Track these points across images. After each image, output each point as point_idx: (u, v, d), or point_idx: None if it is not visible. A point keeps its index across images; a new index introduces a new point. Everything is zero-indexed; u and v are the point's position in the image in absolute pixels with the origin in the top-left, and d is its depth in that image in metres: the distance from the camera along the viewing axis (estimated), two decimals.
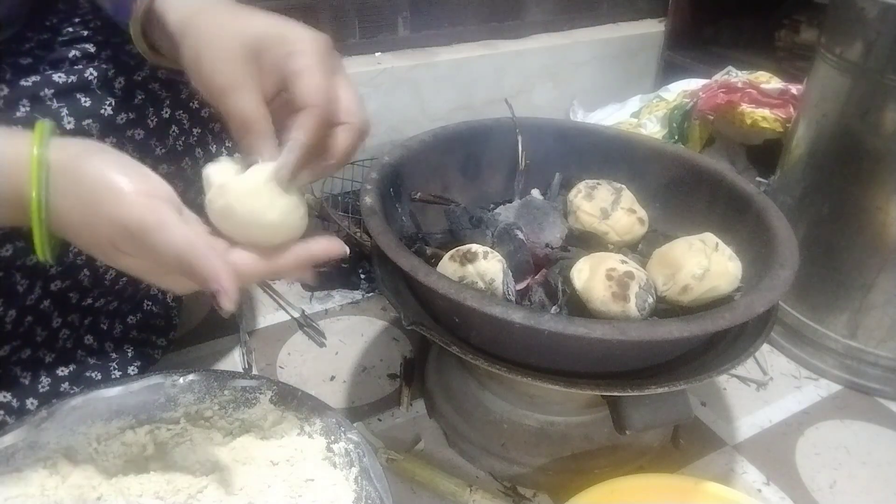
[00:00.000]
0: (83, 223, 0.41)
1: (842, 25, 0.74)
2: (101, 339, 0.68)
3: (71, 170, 0.40)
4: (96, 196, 0.40)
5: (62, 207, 0.40)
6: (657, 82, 1.47)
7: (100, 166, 0.41)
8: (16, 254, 0.54)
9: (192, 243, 0.40)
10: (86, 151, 0.42)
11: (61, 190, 0.40)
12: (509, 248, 0.66)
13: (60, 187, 0.40)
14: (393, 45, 1.24)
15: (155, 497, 0.51)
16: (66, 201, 0.40)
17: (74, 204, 0.40)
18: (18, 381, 0.60)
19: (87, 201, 0.40)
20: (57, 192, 0.40)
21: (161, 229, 0.39)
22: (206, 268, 0.40)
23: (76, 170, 0.40)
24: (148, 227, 0.39)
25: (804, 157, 0.81)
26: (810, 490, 0.69)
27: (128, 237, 0.40)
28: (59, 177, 0.40)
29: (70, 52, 0.57)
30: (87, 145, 0.43)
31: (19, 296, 0.56)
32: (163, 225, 0.39)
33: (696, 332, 0.51)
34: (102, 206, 0.40)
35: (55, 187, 0.40)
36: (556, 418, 0.67)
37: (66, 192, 0.40)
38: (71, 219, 0.41)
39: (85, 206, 0.40)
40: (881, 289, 0.77)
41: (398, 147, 0.72)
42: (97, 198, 0.40)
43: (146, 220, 0.39)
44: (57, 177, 0.40)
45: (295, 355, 0.85)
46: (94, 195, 0.40)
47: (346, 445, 0.55)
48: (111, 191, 0.40)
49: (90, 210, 0.40)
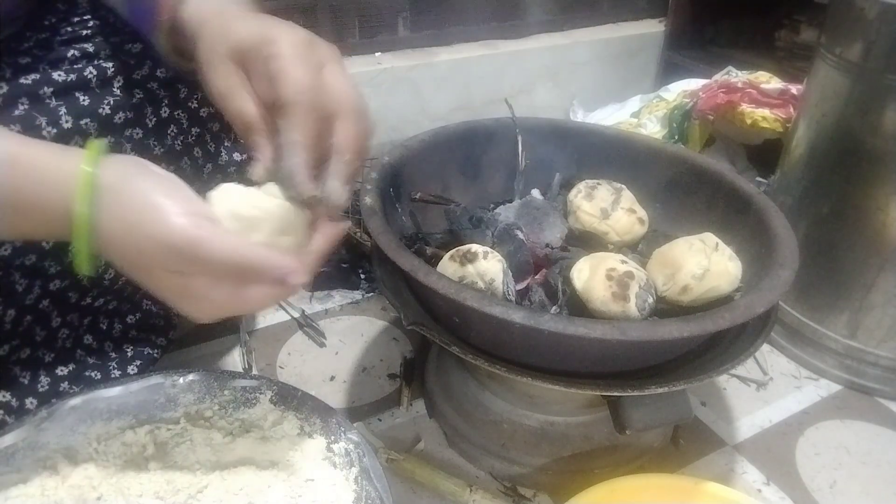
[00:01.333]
0: (127, 244, 0.42)
1: (842, 25, 0.74)
2: (100, 339, 0.68)
3: (121, 191, 0.42)
4: (143, 218, 0.41)
5: (108, 227, 0.42)
6: (657, 82, 1.47)
7: (146, 187, 0.42)
8: (15, 253, 0.54)
9: (241, 244, 0.42)
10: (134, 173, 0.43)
11: (110, 210, 0.41)
12: (509, 248, 0.66)
13: (107, 206, 0.41)
14: (393, 45, 1.25)
15: (155, 497, 0.51)
16: (113, 223, 0.41)
17: (120, 225, 0.41)
18: (18, 381, 0.60)
19: (133, 222, 0.41)
20: (103, 213, 0.41)
21: (210, 240, 0.41)
22: (263, 260, 0.42)
23: (126, 191, 0.42)
24: (195, 242, 0.41)
25: (804, 157, 0.81)
26: (810, 490, 0.69)
27: (177, 255, 0.41)
28: (108, 197, 0.41)
29: (69, 51, 0.57)
30: (134, 164, 0.44)
31: (18, 295, 0.56)
32: (211, 236, 0.41)
33: (696, 332, 0.51)
34: (147, 227, 0.41)
35: (104, 207, 0.41)
36: (556, 418, 0.67)
37: (112, 213, 0.41)
38: (116, 239, 0.42)
39: (130, 227, 0.41)
40: (881, 289, 0.77)
41: (398, 147, 0.72)
42: (144, 220, 0.41)
43: (192, 235, 0.41)
44: (107, 197, 0.41)
45: (295, 355, 0.85)
46: (141, 218, 0.41)
47: (346, 445, 0.55)
48: (157, 211, 0.41)
49: (137, 232, 0.41)
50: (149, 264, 0.42)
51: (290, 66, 0.44)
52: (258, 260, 0.42)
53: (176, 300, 0.44)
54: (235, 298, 0.44)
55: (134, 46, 0.59)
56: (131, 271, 0.43)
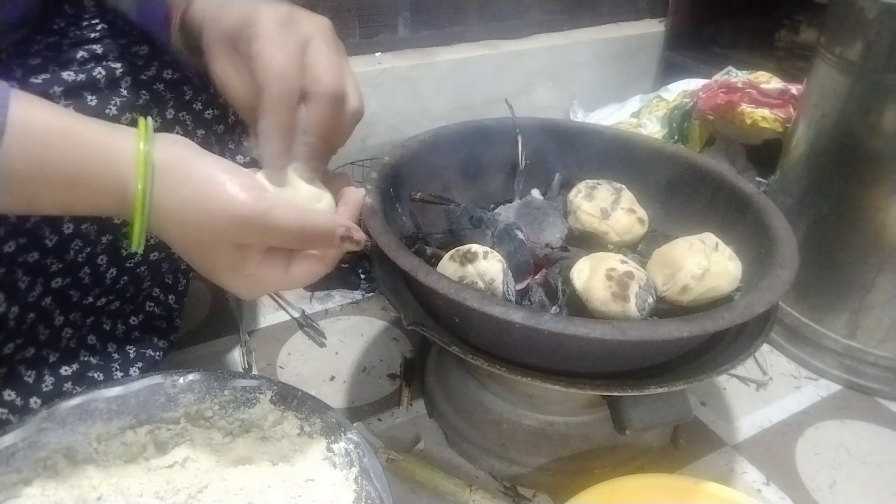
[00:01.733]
0: (189, 221, 0.43)
1: (842, 25, 0.74)
2: (103, 340, 0.68)
3: (177, 169, 0.42)
4: (205, 194, 0.42)
5: (166, 204, 0.42)
6: (657, 82, 1.47)
7: (207, 166, 0.43)
8: (18, 250, 0.55)
9: (303, 211, 0.45)
10: (190, 153, 0.44)
11: (167, 188, 0.42)
12: (509, 248, 0.66)
13: (166, 185, 0.42)
14: (393, 45, 1.25)
15: (155, 497, 0.51)
16: (171, 200, 0.42)
17: (181, 203, 0.42)
18: (23, 380, 0.60)
19: (197, 200, 0.42)
20: (162, 190, 0.42)
21: (275, 209, 0.43)
22: (325, 222, 0.45)
23: (182, 169, 0.43)
24: (262, 211, 0.42)
25: (804, 157, 0.81)
26: (810, 490, 0.69)
27: (244, 227, 0.43)
28: (164, 175, 0.42)
29: (78, 52, 0.57)
30: (187, 144, 0.45)
31: (21, 292, 0.56)
32: (275, 206, 0.43)
33: (696, 332, 0.51)
34: (212, 203, 0.42)
35: (160, 185, 0.42)
36: (556, 418, 0.67)
37: (171, 190, 0.42)
38: (174, 216, 0.43)
39: (194, 204, 0.42)
40: (881, 289, 0.77)
41: (398, 147, 0.72)
42: (207, 196, 0.42)
43: (259, 206, 0.42)
44: (163, 175, 0.42)
45: (295, 355, 0.85)
46: (203, 193, 0.42)
47: (346, 445, 0.55)
48: (223, 187, 0.42)
49: (200, 208, 0.42)
50: (209, 239, 0.43)
51: (265, 47, 0.44)
52: (324, 222, 0.45)
53: (227, 276, 0.45)
54: (283, 274, 0.46)
55: (141, 48, 0.60)
56: (186, 248, 0.45)
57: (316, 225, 0.45)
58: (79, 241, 0.58)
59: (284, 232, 0.44)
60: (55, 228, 0.56)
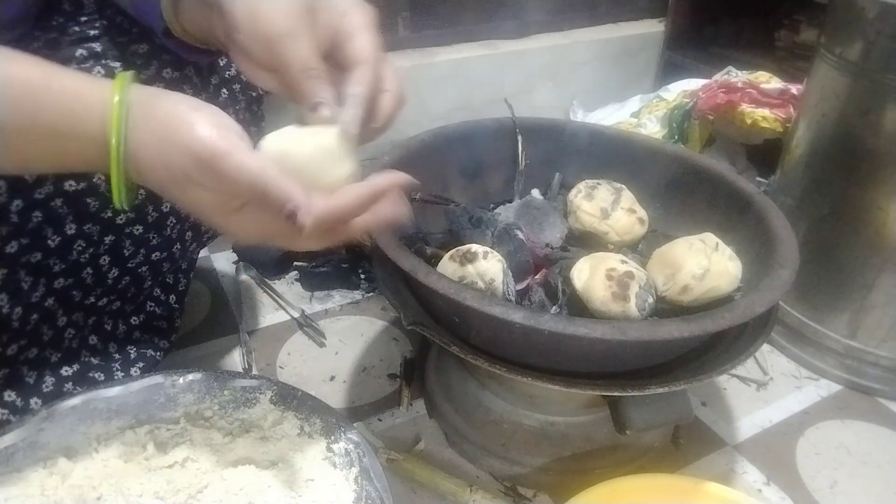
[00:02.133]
0: (157, 155, 0.42)
1: (842, 25, 0.74)
2: (104, 340, 0.68)
3: (147, 105, 0.42)
4: (170, 126, 0.41)
5: (139, 145, 0.42)
6: (657, 82, 1.47)
7: (173, 101, 0.42)
8: (20, 251, 0.55)
9: (263, 167, 0.41)
10: (163, 92, 0.43)
11: (139, 125, 0.41)
12: (509, 248, 0.66)
13: (138, 122, 0.41)
14: (393, 45, 1.25)
15: (155, 497, 0.51)
16: (142, 135, 0.41)
17: (149, 138, 0.41)
18: (24, 381, 0.60)
19: (162, 133, 0.41)
20: (135, 128, 0.41)
21: (233, 154, 0.40)
22: (281, 187, 0.41)
23: (151, 105, 0.42)
24: (220, 153, 0.40)
25: (804, 157, 0.81)
26: (810, 490, 0.69)
27: (201, 165, 0.41)
28: (136, 113, 0.41)
29: (77, 50, 0.57)
30: (165, 90, 0.44)
31: (24, 293, 0.56)
32: (235, 151, 0.41)
33: (696, 332, 0.51)
34: (175, 136, 0.41)
35: (133, 123, 0.41)
36: (556, 418, 0.67)
37: (142, 126, 0.41)
38: (146, 153, 0.42)
39: (159, 138, 0.41)
40: (881, 289, 0.77)
41: (398, 147, 0.72)
42: (171, 128, 0.41)
43: (218, 146, 0.40)
44: (135, 114, 0.41)
45: (295, 355, 0.85)
46: (169, 126, 0.41)
47: (346, 445, 0.55)
48: (184, 121, 0.41)
49: (164, 141, 0.41)
50: (177, 177, 0.42)
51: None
52: (275, 186, 0.40)
53: (213, 218, 0.44)
54: (261, 223, 0.43)
55: (140, 47, 0.60)
56: (164, 191, 0.43)
57: (269, 187, 0.40)
58: (81, 242, 0.58)
59: (238, 183, 0.41)
60: (58, 229, 0.56)
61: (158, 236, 0.64)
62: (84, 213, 0.57)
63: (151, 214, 0.62)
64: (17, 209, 0.53)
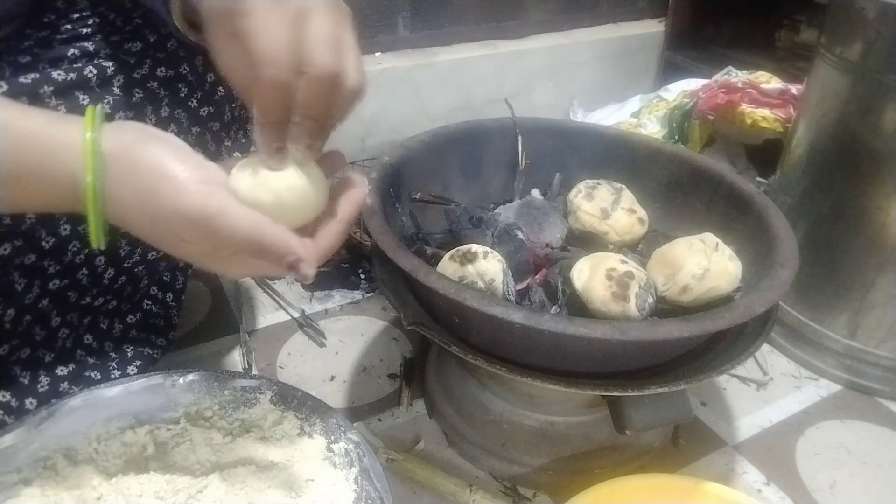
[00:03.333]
0: (142, 214, 0.41)
1: (842, 25, 0.74)
2: (100, 339, 0.68)
3: (126, 158, 0.40)
4: (155, 186, 0.40)
5: (119, 196, 0.40)
6: (657, 82, 1.47)
7: (156, 155, 0.40)
8: (14, 253, 0.54)
9: (257, 221, 0.40)
10: (140, 139, 0.41)
11: (118, 179, 0.40)
12: (509, 248, 0.66)
13: (117, 176, 0.40)
14: (393, 45, 1.25)
15: (155, 497, 0.51)
16: (124, 191, 0.40)
17: (132, 195, 0.40)
18: (18, 381, 0.60)
19: (146, 192, 0.40)
20: (114, 181, 0.40)
21: (225, 213, 0.40)
22: (279, 241, 0.41)
23: (132, 158, 0.40)
24: (211, 214, 0.39)
25: (804, 157, 0.81)
26: (810, 490, 0.69)
27: (190, 226, 0.40)
28: (115, 166, 0.40)
29: (69, 50, 0.57)
30: (140, 130, 0.42)
31: (18, 294, 0.56)
32: (225, 209, 0.40)
33: (696, 332, 0.51)
34: (161, 197, 0.39)
35: (112, 176, 0.40)
36: (556, 418, 0.67)
37: (122, 181, 0.40)
38: (129, 208, 0.41)
39: (143, 197, 0.40)
40: (881, 289, 0.77)
41: (398, 147, 0.72)
42: (156, 188, 0.39)
43: (208, 207, 0.39)
44: (113, 166, 0.40)
45: (295, 355, 0.85)
46: (152, 185, 0.40)
47: (346, 445, 0.55)
48: (170, 181, 0.39)
49: (149, 201, 0.40)
50: (166, 234, 0.41)
51: (256, 25, 0.39)
52: (272, 240, 0.41)
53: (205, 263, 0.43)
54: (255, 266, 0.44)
55: (134, 45, 0.59)
56: (152, 240, 0.43)
57: (266, 241, 0.41)
58: (76, 243, 0.58)
59: (232, 240, 0.40)
60: (52, 230, 0.56)
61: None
62: (79, 215, 0.57)
63: None
64: None
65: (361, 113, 1.21)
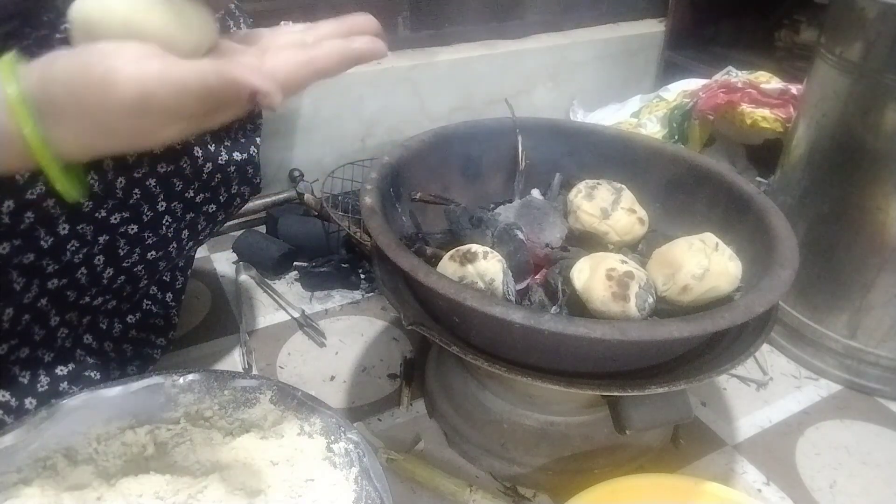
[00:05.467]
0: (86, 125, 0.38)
1: (842, 25, 0.74)
2: (99, 339, 0.68)
3: (47, 81, 0.37)
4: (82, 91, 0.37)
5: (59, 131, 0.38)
6: (657, 82, 1.47)
7: (68, 63, 0.38)
8: (13, 252, 0.54)
9: (201, 66, 0.38)
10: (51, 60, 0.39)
11: (49, 108, 0.38)
12: (509, 248, 0.66)
13: (47, 107, 0.38)
14: (393, 45, 1.24)
15: (155, 497, 0.51)
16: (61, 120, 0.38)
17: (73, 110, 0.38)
18: (17, 381, 0.60)
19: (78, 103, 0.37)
20: (48, 116, 0.38)
21: (167, 73, 0.37)
22: (230, 73, 0.38)
23: (51, 79, 0.37)
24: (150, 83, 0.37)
25: (804, 157, 0.81)
26: (810, 490, 0.69)
27: (139, 107, 0.37)
28: (40, 96, 0.37)
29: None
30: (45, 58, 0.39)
31: (16, 294, 0.56)
32: (166, 70, 0.37)
33: (696, 332, 0.51)
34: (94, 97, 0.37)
35: (42, 112, 0.38)
36: (556, 418, 0.67)
37: (56, 113, 0.38)
38: (73, 129, 0.38)
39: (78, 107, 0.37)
40: (881, 289, 0.77)
41: (398, 147, 0.72)
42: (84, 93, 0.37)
43: (145, 76, 0.37)
44: (40, 99, 0.37)
45: (295, 355, 0.85)
46: (81, 93, 0.37)
47: (346, 445, 0.55)
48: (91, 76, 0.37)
49: (85, 108, 0.37)
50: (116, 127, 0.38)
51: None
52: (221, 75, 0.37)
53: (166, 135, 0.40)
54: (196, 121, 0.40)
55: None
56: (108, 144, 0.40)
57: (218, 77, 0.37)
58: (75, 242, 0.58)
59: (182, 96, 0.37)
60: (50, 229, 0.56)
61: (154, 235, 0.64)
62: (77, 213, 0.57)
63: (146, 214, 0.62)
64: (9, 210, 0.53)
65: (361, 113, 1.21)
